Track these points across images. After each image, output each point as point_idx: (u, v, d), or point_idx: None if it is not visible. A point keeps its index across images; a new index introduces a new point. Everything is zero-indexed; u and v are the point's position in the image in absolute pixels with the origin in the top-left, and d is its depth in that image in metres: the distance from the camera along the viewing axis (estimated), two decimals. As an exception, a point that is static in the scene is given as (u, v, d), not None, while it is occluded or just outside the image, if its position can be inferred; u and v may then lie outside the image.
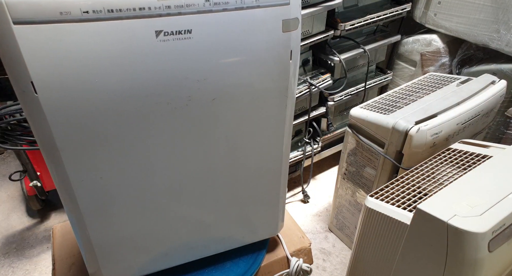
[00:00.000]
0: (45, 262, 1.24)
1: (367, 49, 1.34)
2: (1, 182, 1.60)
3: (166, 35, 0.44)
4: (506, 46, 1.21)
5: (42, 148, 0.47)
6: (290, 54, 0.52)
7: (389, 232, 0.70)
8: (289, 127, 0.61)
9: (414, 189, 0.75)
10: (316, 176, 1.61)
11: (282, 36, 0.50)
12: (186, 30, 0.45)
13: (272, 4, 0.48)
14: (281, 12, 0.49)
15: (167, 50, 0.45)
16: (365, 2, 1.32)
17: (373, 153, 1.00)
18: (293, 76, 0.55)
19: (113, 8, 0.41)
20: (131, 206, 0.56)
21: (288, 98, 0.57)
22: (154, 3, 0.42)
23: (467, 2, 1.26)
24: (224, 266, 0.72)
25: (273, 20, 0.49)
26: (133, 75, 0.45)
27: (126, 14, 0.42)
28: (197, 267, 0.71)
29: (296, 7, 0.49)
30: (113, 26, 0.42)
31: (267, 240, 0.78)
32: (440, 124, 0.88)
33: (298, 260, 0.74)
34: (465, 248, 0.56)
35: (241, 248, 0.73)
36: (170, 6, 0.43)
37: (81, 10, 0.40)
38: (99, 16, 0.41)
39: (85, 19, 0.40)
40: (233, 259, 0.73)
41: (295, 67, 0.55)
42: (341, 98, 1.37)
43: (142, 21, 0.43)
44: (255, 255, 0.74)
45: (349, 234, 1.25)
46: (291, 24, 0.50)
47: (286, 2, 0.48)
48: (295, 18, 0.50)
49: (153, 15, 0.43)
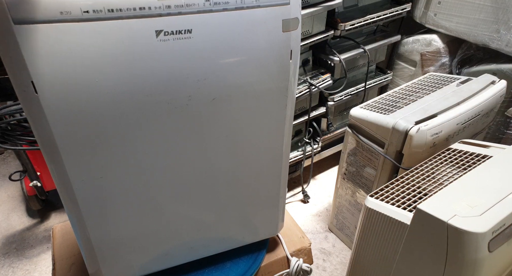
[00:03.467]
0: (45, 262, 1.24)
1: (367, 49, 1.34)
2: (1, 182, 1.60)
3: (166, 35, 0.44)
4: (506, 46, 1.21)
5: (42, 148, 0.47)
6: (290, 54, 0.52)
7: (389, 232, 0.70)
8: (289, 128, 0.61)
9: (414, 189, 0.75)
10: (316, 176, 1.61)
11: (282, 36, 0.50)
12: (186, 30, 0.45)
13: (272, 4, 0.48)
14: (281, 12, 0.49)
15: (167, 50, 0.45)
16: (365, 2, 1.32)
17: (373, 153, 1.00)
18: (293, 76, 0.55)
19: (114, 8, 0.41)
20: (131, 205, 0.56)
21: (288, 98, 0.57)
22: (154, 3, 0.42)
23: (467, 2, 1.27)
24: (224, 266, 0.72)
25: (273, 20, 0.49)
26: (133, 75, 0.45)
27: (126, 13, 0.42)
28: (197, 267, 0.71)
29: (296, 7, 0.49)
30: (114, 26, 0.42)
31: (267, 240, 0.78)
32: (440, 124, 0.88)
33: (298, 260, 0.74)
34: (465, 248, 0.56)
35: (241, 248, 0.73)
36: (170, 6, 0.43)
37: (82, 10, 0.40)
38: (100, 15, 0.41)
39: (86, 19, 0.40)
40: (233, 259, 0.73)
41: (295, 67, 0.55)
42: (341, 98, 1.38)
43: (142, 21, 0.43)
44: (255, 255, 0.74)
45: (349, 234, 1.25)
46: (291, 24, 0.50)
47: (286, 2, 0.48)
48: (295, 18, 0.50)
49: (153, 15, 0.43)
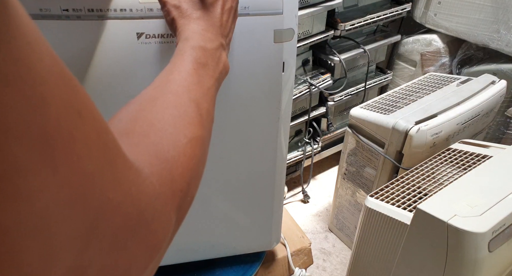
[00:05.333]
0: (45, 262, 1.24)
1: (367, 49, 1.34)
2: (1, 182, 1.60)
3: (148, 38, 0.43)
4: (506, 46, 1.21)
5: None
6: (282, 66, 0.49)
7: (389, 232, 0.70)
8: (285, 140, 0.58)
9: (414, 189, 0.75)
10: (316, 176, 1.61)
11: (274, 47, 0.48)
12: (169, 34, 0.44)
13: (262, 13, 0.45)
14: (273, 22, 0.46)
15: (149, 53, 0.44)
16: (365, 2, 1.32)
17: (373, 153, 1.00)
18: (287, 88, 0.52)
19: (94, 8, 0.41)
20: None
21: (282, 111, 0.54)
22: (135, 5, 0.42)
23: (467, 2, 1.26)
24: (213, 272, 0.71)
25: (263, 29, 0.46)
26: (113, 76, 0.44)
27: (107, 14, 0.41)
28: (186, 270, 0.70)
29: (290, 17, 0.47)
30: (93, 26, 0.41)
31: (263, 253, 0.75)
32: (440, 124, 0.88)
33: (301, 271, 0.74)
34: (465, 248, 0.56)
35: (235, 257, 0.71)
36: (153, 9, 0.42)
37: (61, 8, 0.40)
38: (79, 14, 0.40)
39: (65, 17, 0.40)
40: (224, 268, 0.71)
41: (289, 79, 0.52)
42: (341, 98, 1.37)
43: (123, 23, 0.42)
44: (247, 267, 0.72)
45: (349, 234, 1.25)
46: (284, 35, 0.47)
47: (279, 12, 0.46)
48: (289, 28, 0.47)
49: (134, 17, 0.42)
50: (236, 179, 0.59)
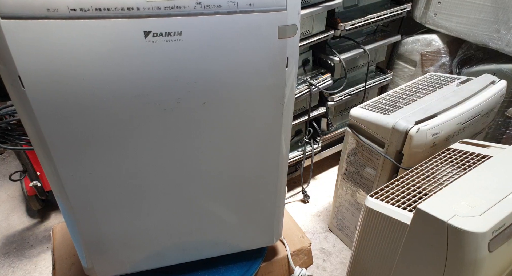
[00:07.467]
0: (45, 262, 1.24)
1: (367, 49, 1.34)
2: (1, 182, 1.60)
3: (155, 36, 0.44)
4: (506, 46, 1.21)
5: (32, 142, 0.48)
6: (286, 62, 0.50)
7: (389, 232, 0.70)
8: (287, 136, 0.59)
9: (414, 189, 0.75)
10: (316, 176, 1.61)
11: (278, 43, 0.48)
12: (176, 32, 0.44)
13: (267, 9, 0.46)
14: (277, 18, 0.47)
15: (156, 51, 0.45)
16: (365, 2, 1.32)
17: (373, 153, 1.00)
18: (290, 84, 0.53)
19: (101, 7, 0.41)
20: (120, 204, 0.56)
21: (285, 107, 0.55)
22: (143, 3, 0.42)
23: (467, 2, 1.26)
24: (217, 271, 0.71)
25: (268, 26, 0.47)
26: (120, 75, 0.45)
27: (114, 13, 0.41)
28: (190, 268, 0.70)
29: (293, 13, 0.47)
30: (101, 25, 0.42)
31: (265, 249, 0.76)
32: (440, 124, 0.88)
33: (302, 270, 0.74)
34: (465, 248, 0.56)
35: (237, 254, 0.72)
36: (160, 7, 0.42)
37: (69, 8, 0.40)
38: (87, 14, 0.41)
39: (72, 16, 0.40)
40: (228, 265, 0.71)
41: (292, 75, 0.53)
42: (341, 98, 1.37)
43: (131, 21, 0.42)
44: (250, 263, 0.72)
45: (349, 234, 1.25)
46: (288, 31, 0.48)
47: (283, 8, 0.46)
48: (292, 24, 0.48)
49: (142, 16, 0.42)
50: (241, 173, 0.60)
